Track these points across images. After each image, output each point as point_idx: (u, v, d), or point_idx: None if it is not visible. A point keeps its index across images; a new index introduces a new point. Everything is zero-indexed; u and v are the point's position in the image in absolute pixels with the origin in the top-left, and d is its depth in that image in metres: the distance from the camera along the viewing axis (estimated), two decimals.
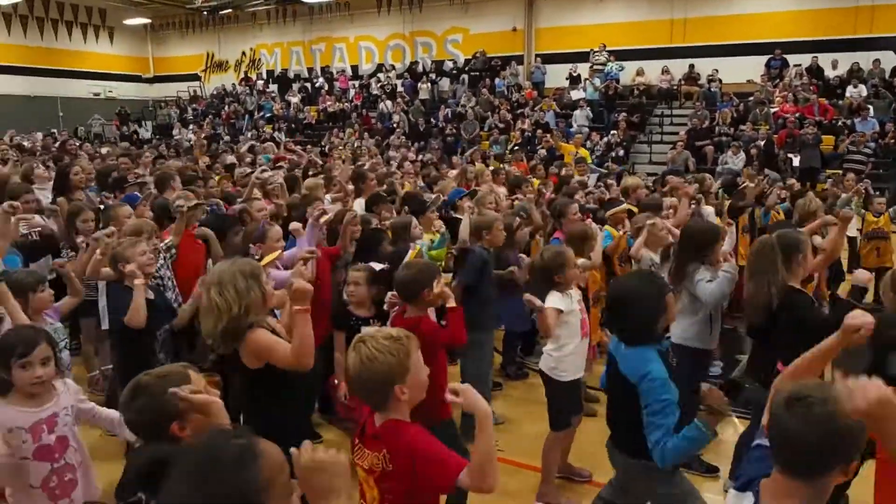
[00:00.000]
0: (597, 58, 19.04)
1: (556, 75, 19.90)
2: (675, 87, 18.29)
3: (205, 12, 25.06)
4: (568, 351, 3.72)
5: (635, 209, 5.81)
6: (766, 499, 1.69)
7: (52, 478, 2.54)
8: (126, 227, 4.41)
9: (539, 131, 16.70)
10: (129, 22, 26.81)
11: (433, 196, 6.26)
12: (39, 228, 5.29)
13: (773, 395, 1.84)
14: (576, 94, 18.59)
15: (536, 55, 20.81)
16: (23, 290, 3.28)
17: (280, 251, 4.08)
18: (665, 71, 18.43)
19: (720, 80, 17.46)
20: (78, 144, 14.21)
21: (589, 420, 4.27)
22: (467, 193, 6.57)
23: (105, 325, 4.48)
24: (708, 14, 18.18)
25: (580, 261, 4.17)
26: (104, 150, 11.48)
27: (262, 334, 2.62)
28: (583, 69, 19.28)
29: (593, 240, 4.66)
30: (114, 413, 2.80)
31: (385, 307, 3.58)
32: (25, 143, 13.27)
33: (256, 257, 3.54)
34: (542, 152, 15.44)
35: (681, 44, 18.55)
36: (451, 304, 3.33)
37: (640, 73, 18.60)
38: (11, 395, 2.51)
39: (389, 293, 3.47)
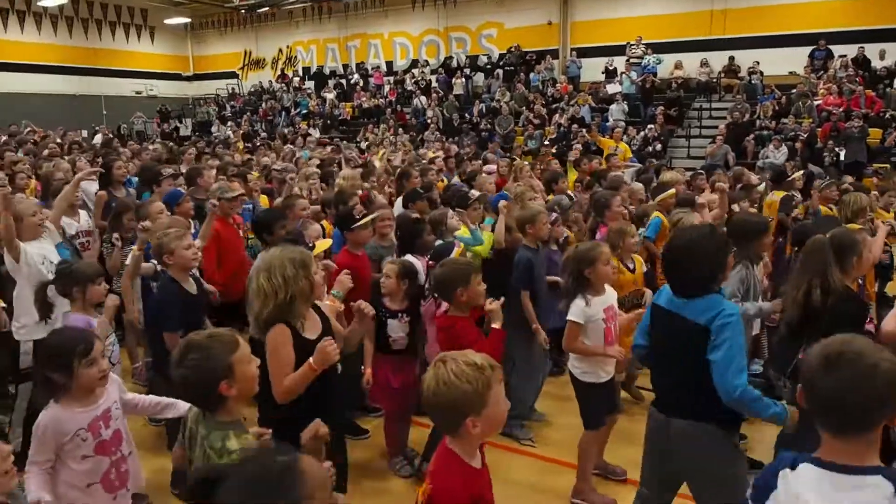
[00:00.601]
0: (634, 51, 18.76)
1: (592, 69, 19.68)
2: (714, 80, 17.93)
3: (243, 11, 25.43)
4: (593, 358, 3.65)
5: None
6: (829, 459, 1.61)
7: (112, 471, 2.56)
8: (159, 224, 4.44)
9: (575, 126, 16.55)
10: (170, 21, 27.36)
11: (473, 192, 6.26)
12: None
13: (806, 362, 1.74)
14: (612, 88, 18.35)
15: (572, 49, 20.61)
16: (84, 280, 3.41)
17: (330, 241, 4.14)
18: (704, 63, 18.08)
19: (761, 73, 17.05)
20: (119, 142, 14.56)
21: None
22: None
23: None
24: (749, 4, 17.76)
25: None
26: (152, 148, 11.74)
27: (281, 336, 2.69)
28: (619, 63, 19.03)
29: (631, 236, 4.58)
30: (155, 397, 2.87)
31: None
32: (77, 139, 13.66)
33: (311, 245, 3.57)
34: (578, 147, 15.33)
35: (720, 35, 18.16)
36: (497, 325, 3.25)
37: (678, 66, 18.28)
38: (67, 399, 2.48)
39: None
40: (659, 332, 2.86)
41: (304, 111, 22.41)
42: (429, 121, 19.29)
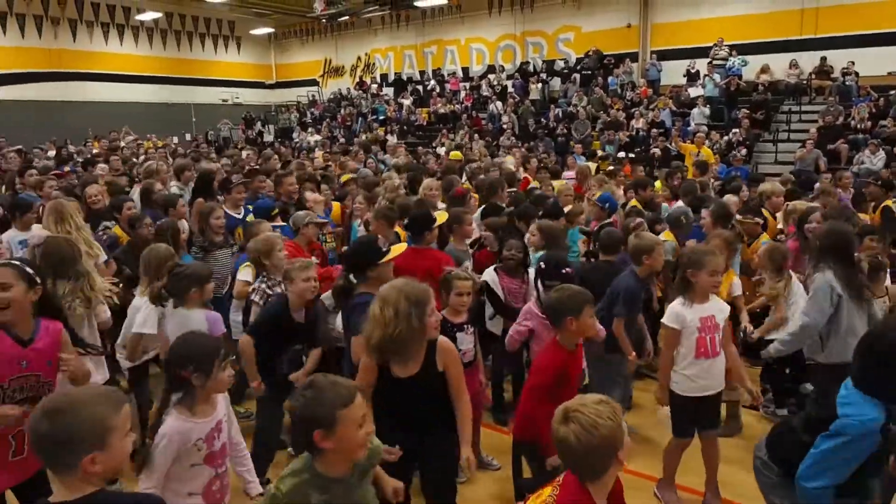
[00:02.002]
0: (718, 52, 18.20)
1: (673, 72, 19.19)
2: (804, 82, 17.18)
3: (324, 20, 26.17)
4: (682, 367, 3.59)
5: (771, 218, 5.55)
6: None
7: (215, 482, 2.61)
8: (258, 239, 4.53)
9: (654, 130, 16.21)
10: (255, 32, 28.48)
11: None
12: None
13: None
14: (694, 92, 17.86)
15: (652, 52, 20.18)
16: (200, 280, 3.67)
17: (405, 245, 4.20)
18: (794, 64, 17.34)
19: (856, 73, 16.20)
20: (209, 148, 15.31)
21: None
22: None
23: (235, 337, 4.79)
24: (843, 2, 16.92)
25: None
26: (245, 155, 12.31)
27: (362, 371, 2.79)
28: (701, 65, 18.49)
29: (733, 250, 4.48)
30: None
31: None
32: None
33: (385, 249, 3.62)
34: (657, 152, 15.01)
35: (812, 35, 17.38)
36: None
37: (765, 70, 17.60)
38: (190, 409, 2.52)
39: None
40: None
41: (382, 117, 22.85)
42: (504, 126, 19.30)
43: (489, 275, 4.65)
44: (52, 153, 14.46)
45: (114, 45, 24.80)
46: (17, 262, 2.81)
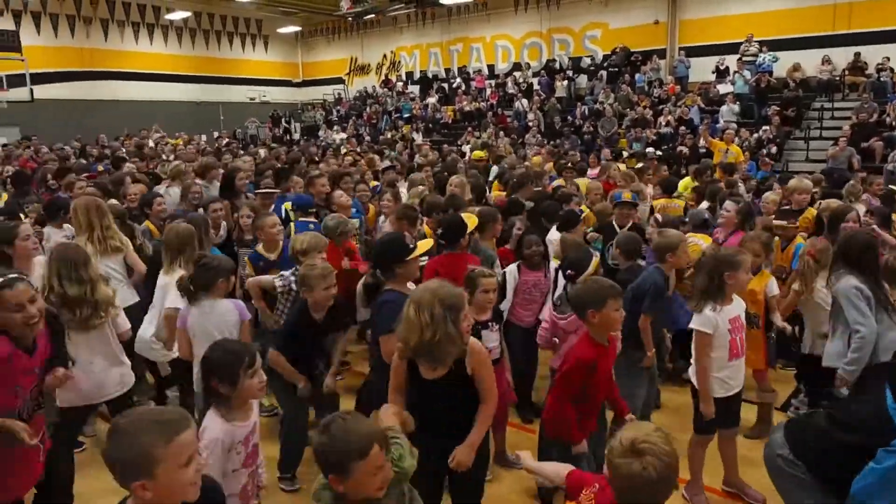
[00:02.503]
0: (748, 48, 17.91)
1: (701, 69, 18.93)
2: (837, 78, 16.83)
3: (350, 18, 26.29)
4: (715, 370, 3.55)
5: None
6: None
7: (249, 482, 2.68)
8: (302, 238, 4.58)
9: (682, 128, 16.01)
10: (282, 30, 28.73)
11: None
12: None
13: None
14: (723, 88, 17.60)
15: (680, 48, 19.91)
16: (227, 273, 3.74)
17: (431, 241, 4.22)
18: (826, 60, 16.99)
19: (892, 69, 15.82)
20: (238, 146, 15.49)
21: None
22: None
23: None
24: None
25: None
26: (262, 152, 12.42)
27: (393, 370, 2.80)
28: (730, 61, 18.21)
29: (769, 251, 4.41)
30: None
31: None
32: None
33: (412, 246, 3.63)
34: (683, 150, 14.84)
35: (845, 30, 17.01)
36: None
37: (796, 66, 17.27)
38: (229, 413, 2.54)
39: None
40: None
41: (407, 115, 22.90)
42: (530, 124, 19.23)
43: (510, 270, 4.69)
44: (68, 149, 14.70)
45: (144, 45, 25.20)
46: (25, 275, 2.92)
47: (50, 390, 3.15)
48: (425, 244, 3.95)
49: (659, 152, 14.77)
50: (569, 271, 4.14)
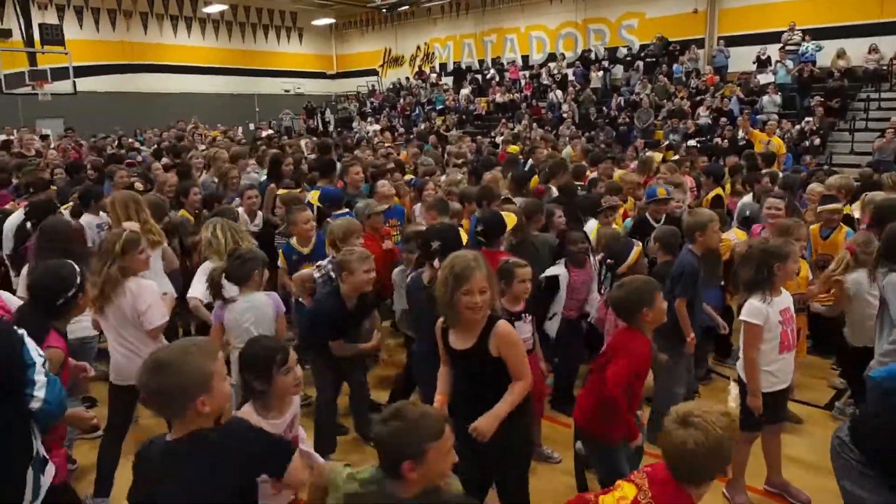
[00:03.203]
0: (790, 37, 17.43)
1: (741, 59, 18.49)
2: (884, 68, 16.28)
3: (384, 10, 26.32)
4: (765, 364, 3.46)
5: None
6: None
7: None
8: (340, 224, 4.65)
9: (723, 119, 15.67)
10: (317, 22, 28.90)
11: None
12: None
13: None
14: (764, 79, 17.17)
15: (719, 38, 19.50)
16: (262, 264, 3.75)
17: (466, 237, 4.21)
18: (873, 49, 16.45)
19: None
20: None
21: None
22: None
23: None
24: None
25: None
26: (303, 143, 12.54)
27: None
28: (772, 51, 17.75)
29: (802, 239, 4.29)
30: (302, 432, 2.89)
31: None
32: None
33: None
34: (718, 141, 14.52)
35: (894, 18, 16.45)
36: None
37: (840, 55, 16.75)
38: (265, 408, 2.57)
39: None
40: None
41: (440, 107, 22.86)
42: (565, 115, 19.03)
43: (559, 269, 4.57)
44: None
45: (182, 38, 25.59)
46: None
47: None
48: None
49: (696, 144, 14.48)
50: (608, 260, 4.07)
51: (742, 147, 13.11)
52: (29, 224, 5.07)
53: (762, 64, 17.80)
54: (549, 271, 4.55)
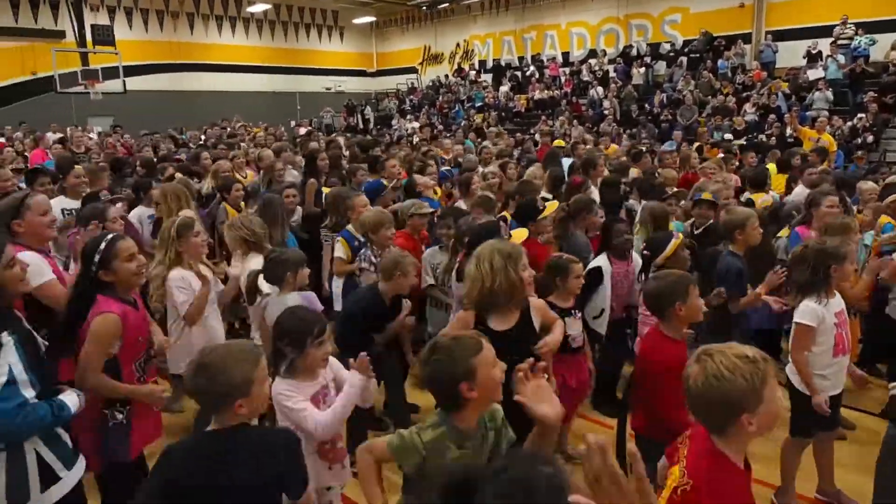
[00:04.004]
0: (842, 31, 16.88)
1: (790, 53, 17.98)
2: None
3: (424, 7, 26.38)
4: (818, 367, 3.35)
5: None
6: None
7: (327, 443, 2.75)
8: (366, 216, 4.74)
9: (772, 116, 15.26)
10: (358, 21, 29.13)
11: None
12: None
13: None
14: (813, 74, 16.65)
15: (767, 32, 19.00)
16: (294, 266, 3.74)
17: (527, 231, 4.19)
18: None
19: None
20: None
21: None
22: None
23: (337, 307, 4.94)
24: None
25: None
26: (341, 140, 12.65)
27: (461, 321, 2.84)
28: (823, 45, 17.21)
29: (855, 235, 4.14)
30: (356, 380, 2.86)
31: None
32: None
33: (506, 236, 3.65)
34: (763, 138, 14.15)
35: None
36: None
37: (895, 48, 16.14)
38: (294, 373, 2.65)
39: None
40: None
41: (480, 104, 22.81)
42: (605, 112, 18.79)
43: (602, 261, 4.49)
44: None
45: (226, 37, 26.09)
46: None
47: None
48: (520, 234, 3.95)
49: (742, 142, 14.14)
50: (644, 252, 4.00)
51: (790, 145, 12.78)
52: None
53: (812, 59, 17.29)
54: (591, 263, 4.48)
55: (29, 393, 2.29)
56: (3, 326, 2.29)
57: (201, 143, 13.90)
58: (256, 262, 4.08)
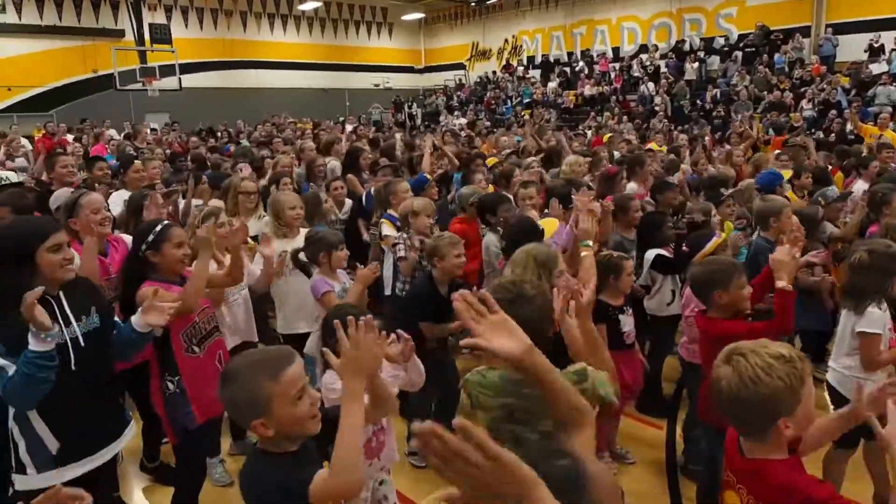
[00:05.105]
0: None
1: (851, 47, 17.34)
2: None
3: (473, 3, 26.33)
4: (875, 374, 3.18)
5: None
6: None
7: (372, 439, 2.73)
8: (406, 204, 4.80)
9: (832, 112, 14.73)
10: (407, 17, 29.28)
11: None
12: None
13: None
14: (877, 68, 16.04)
15: (827, 25, 18.34)
16: (329, 246, 3.77)
17: (557, 222, 4.15)
18: None
19: None
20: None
21: None
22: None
23: (387, 291, 5.00)
24: None
25: None
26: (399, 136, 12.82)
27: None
28: (887, 38, 16.53)
29: None
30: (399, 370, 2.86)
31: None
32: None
33: (541, 229, 3.63)
34: (821, 134, 13.66)
35: None
36: (782, 283, 2.83)
37: None
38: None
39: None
40: None
41: (527, 100, 22.67)
42: (657, 108, 18.45)
43: (660, 250, 4.41)
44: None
45: (278, 35, 26.55)
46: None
47: None
48: (551, 224, 3.92)
49: (798, 139, 13.69)
50: (684, 248, 3.94)
51: (851, 142, 12.33)
52: None
53: (874, 52, 16.63)
54: (650, 253, 4.40)
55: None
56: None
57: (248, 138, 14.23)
58: (300, 240, 4.21)
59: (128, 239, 3.62)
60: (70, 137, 14.77)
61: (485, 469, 0.93)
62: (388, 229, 5.07)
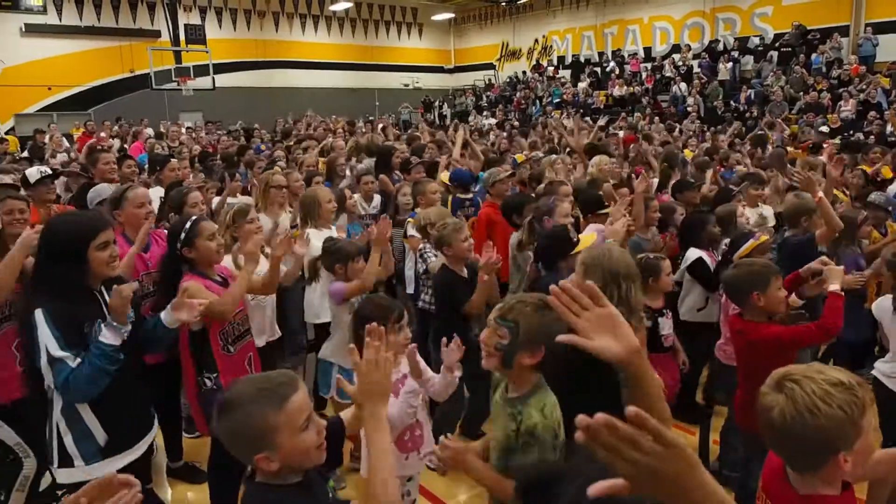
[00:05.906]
0: None
1: (892, 46, 16.93)
2: None
3: (503, 3, 26.27)
4: None
5: None
6: None
7: (406, 433, 2.79)
8: (427, 212, 4.78)
9: (872, 113, 14.38)
10: (436, 17, 29.33)
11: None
12: None
13: None
14: None
15: (866, 24, 17.92)
16: (346, 258, 3.73)
17: (595, 236, 4.11)
18: None
19: None
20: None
21: None
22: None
23: (409, 290, 5.02)
24: None
25: None
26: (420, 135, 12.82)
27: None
28: None
29: None
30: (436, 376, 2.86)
31: None
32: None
33: (576, 240, 3.61)
34: (860, 136, 13.35)
35: None
36: (835, 286, 2.83)
37: None
38: None
39: None
40: None
41: (557, 100, 22.53)
42: (689, 109, 18.20)
43: (698, 252, 4.32)
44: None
45: (309, 35, 26.79)
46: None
47: None
48: (589, 238, 3.89)
49: (836, 141, 13.41)
50: (724, 246, 3.90)
51: (892, 144, 12.04)
52: None
53: None
54: (689, 255, 4.33)
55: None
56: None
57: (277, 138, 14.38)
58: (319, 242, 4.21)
59: None
60: (105, 135, 15.10)
61: (655, 454, 0.95)
62: (413, 229, 5.04)
